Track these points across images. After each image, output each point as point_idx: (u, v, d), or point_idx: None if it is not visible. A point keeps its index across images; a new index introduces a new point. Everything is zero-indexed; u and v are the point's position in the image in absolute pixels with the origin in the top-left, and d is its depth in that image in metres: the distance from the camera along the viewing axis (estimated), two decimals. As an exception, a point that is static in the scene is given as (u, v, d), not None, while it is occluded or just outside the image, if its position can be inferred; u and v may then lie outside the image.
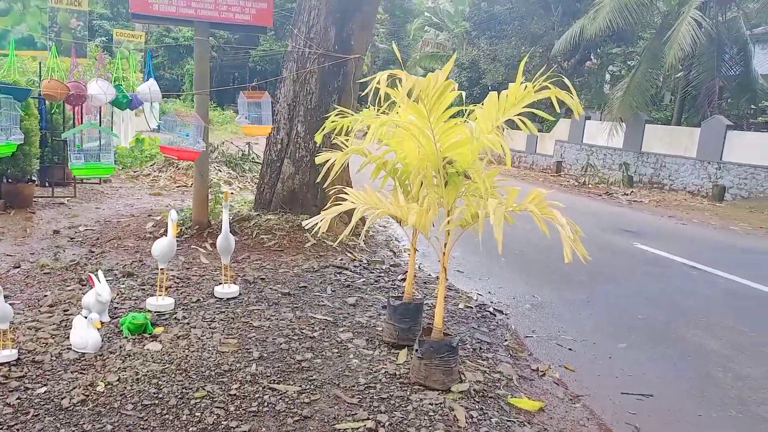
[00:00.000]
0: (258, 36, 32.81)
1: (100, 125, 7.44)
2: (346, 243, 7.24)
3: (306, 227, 3.51)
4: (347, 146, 4.48)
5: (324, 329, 4.50)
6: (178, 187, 11.49)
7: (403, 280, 6.10)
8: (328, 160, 4.37)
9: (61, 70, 6.10)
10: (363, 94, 3.37)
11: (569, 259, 2.92)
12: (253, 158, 14.21)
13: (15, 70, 6.17)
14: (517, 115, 3.50)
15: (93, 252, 6.47)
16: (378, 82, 3.28)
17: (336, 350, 4.11)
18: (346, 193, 3.89)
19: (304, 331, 4.42)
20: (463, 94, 3.31)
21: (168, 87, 30.19)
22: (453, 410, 3.33)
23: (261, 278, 5.72)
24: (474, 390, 3.61)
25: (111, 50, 16.02)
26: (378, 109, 4.21)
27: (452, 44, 32.46)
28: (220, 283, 5.27)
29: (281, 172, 7.88)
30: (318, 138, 4.98)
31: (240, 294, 5.18)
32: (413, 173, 4.04)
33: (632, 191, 16.24)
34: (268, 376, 3.65)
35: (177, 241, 5.01)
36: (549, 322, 5.34)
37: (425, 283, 6.11)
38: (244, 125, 6.50)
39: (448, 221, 3.58)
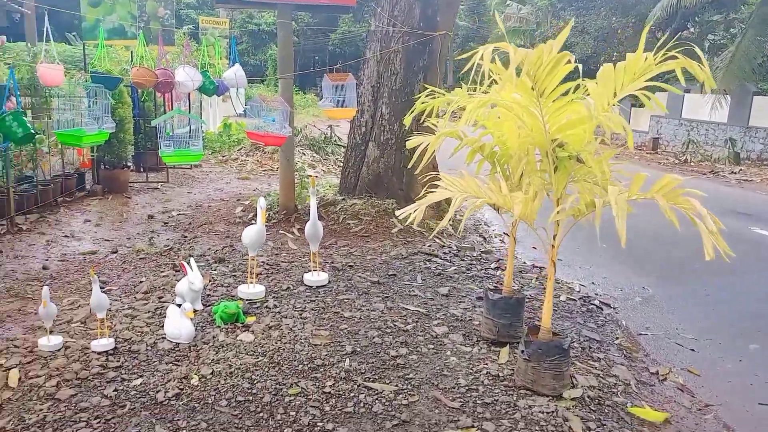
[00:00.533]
0: (337, 18, 32.84)
1: (189, 112, 7.52)
2: (433, 228, 6.96)
3: (399, 217, 3.26)
4: (437, 129, 4.18)
5: (417, 322, 4.27)
6: (264, 171, 11.61)
7: (497, 268, 5.76)
8: (419, 144, 4.10)
9: (151, 58, 6.14)
10: (463, 72, 3.05)
11: (711, 256, 2.51)
12: (335, 141, 14.18)
13: (106, 60, 6.28)
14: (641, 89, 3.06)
15: (185, 237, 6.57)
16: (481, 58, 2.95)
17: (431, 346, 3.87)
18: (439, 179, 3.61)
19: (396, 323, 4.21)
20: (581, 67, 2.92)
21: (252, 72, 30.81)
22: (567, 420, 3.00)
23: (349, 265, 5.57)
24: (588, 397, 3.26)
25: (197, 37, 16.42)
26: (471, 88, 3.90)
27: (536, 18, 31.10)
28: (309, 270, 5.16)
29: (366, 155, 7.69)
30: (407, 120, 4.71)
31: (329, 282, 5.04)
32: (515, 158, 3.69)
33: (740, 169, 14.90)
34: (362, 373, 3.47)
35: (265, 226, 4.94)
36: (664, 318, 4.85)
37: (521, 271, 5.74)
38: (328, 109, 6.34)
39: (558, 211, 3.22)
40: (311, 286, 4.93)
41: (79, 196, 8.28)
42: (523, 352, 3.30)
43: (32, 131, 4.71)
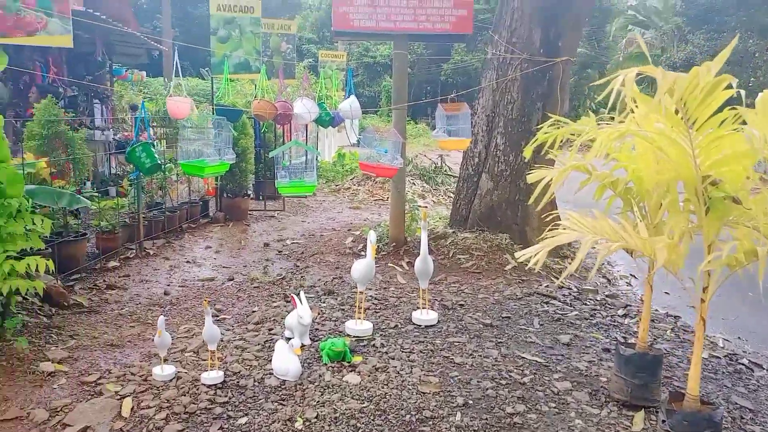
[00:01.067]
0: (450, 48, 33.01)
1: (306, 143, 7.67)
2: (551, 267, 6.52)
3: (519, 259, 2.96)
4: (558, 161, 3.85)
5: (535, 374, 3.89)
6: (375, 200, 11.65)
7: (625, 315, 5.23)
8: (541, 179, 3.78)
9: (272, 91, 6.33)
10: (599, 99, 2.73)
11: None
12: (445, 171, 14.01)
13: (230, 93, 6.55)
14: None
15: (298, 266, 6.61)
16: (622, 84, 2.62)
17: (553, 404, 3.49)
18: (564, 217, 3.28)
19: (512, 374, 3.86)
20: (743, 93, 2.51)
21: (366, 103, 31.61)
22: None
23: (459, 304, 5.29)
24: (747, 484, 2.75)
25: (316, 70, 17.09)
26: (603, 118, 3.56)
27: (661, 42, 29.44)
28: (418, 308, 4.95)
29: (478, 187, 7.42)
30: (527, 152, 4.41)
31: (438, 321, 4.79)
32: (656, 196, 3.28)
33: None
34: (475, 431, 3.17)
35: (374, 260, 4.81)
36: (835, 387, 4.11)
37: (652, 320, 5.14)
38: (442, 140, 6.17)
39: (709, 261, 2.78)
40: (420, 326, 4.71)
41: (202, 223, 8.69)
42: (664, 422, 2.85)
43: (159, 162, 4.93)
